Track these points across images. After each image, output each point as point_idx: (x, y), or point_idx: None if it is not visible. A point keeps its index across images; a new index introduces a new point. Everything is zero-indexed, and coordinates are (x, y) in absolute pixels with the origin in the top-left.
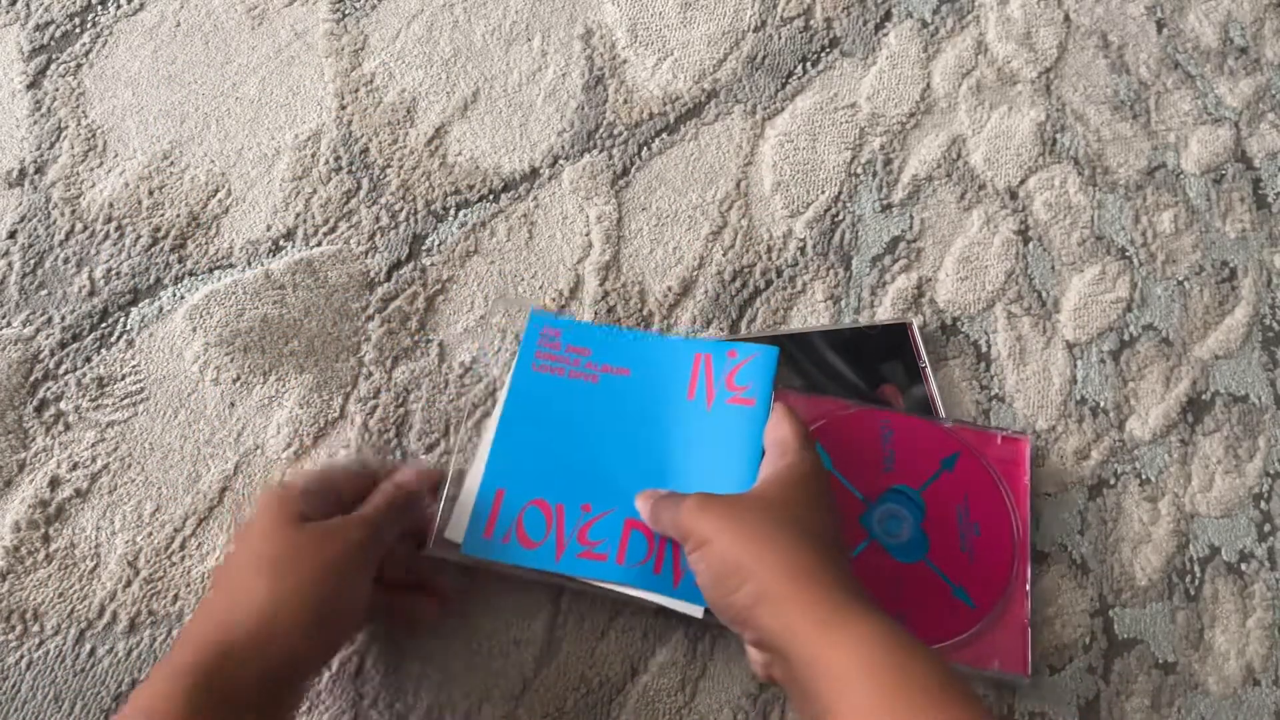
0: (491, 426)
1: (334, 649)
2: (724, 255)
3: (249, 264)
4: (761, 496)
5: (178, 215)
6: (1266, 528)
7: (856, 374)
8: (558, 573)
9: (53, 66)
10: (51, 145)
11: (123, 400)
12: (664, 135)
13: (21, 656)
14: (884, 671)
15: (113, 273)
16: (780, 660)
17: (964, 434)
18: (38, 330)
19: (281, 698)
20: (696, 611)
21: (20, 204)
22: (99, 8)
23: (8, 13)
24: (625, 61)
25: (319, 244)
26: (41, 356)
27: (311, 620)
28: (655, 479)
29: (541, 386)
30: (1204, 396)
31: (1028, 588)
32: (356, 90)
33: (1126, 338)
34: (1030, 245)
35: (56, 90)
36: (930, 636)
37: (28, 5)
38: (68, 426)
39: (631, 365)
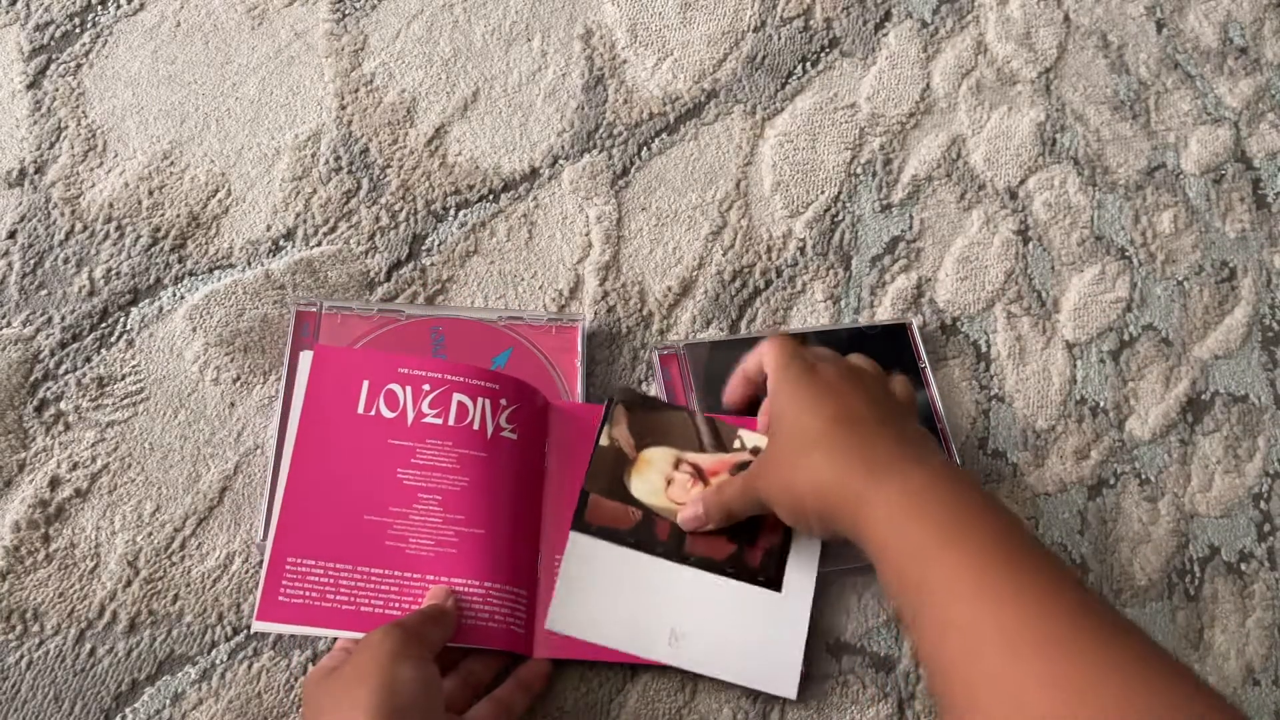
0: None
1: None
2: (724, 255)
3: (249, 264)
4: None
5: (178, 215)
6: (1266, 528)
7: None
8: None
9: (53, 66)
10: (51, 145)
11: (123, 400)
12: (664, 135)
13: (21, 656)
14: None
15: (113, 273)
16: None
17: (517, 329)
18: (38, 330)
19: None
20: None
21: (20, 204)
22: (99, 8)
23: (8, 13)
24: (625, 61)
25: (319, 244)
26: (41, 356)
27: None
28: None
29: None
30: (1204, 396)
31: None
32: (356, 90)
33: (1126, 338)
34: (1030, 245)
35: (56, 90)
36: None
37: (28, 5)
38: (68, 426)
39: None
